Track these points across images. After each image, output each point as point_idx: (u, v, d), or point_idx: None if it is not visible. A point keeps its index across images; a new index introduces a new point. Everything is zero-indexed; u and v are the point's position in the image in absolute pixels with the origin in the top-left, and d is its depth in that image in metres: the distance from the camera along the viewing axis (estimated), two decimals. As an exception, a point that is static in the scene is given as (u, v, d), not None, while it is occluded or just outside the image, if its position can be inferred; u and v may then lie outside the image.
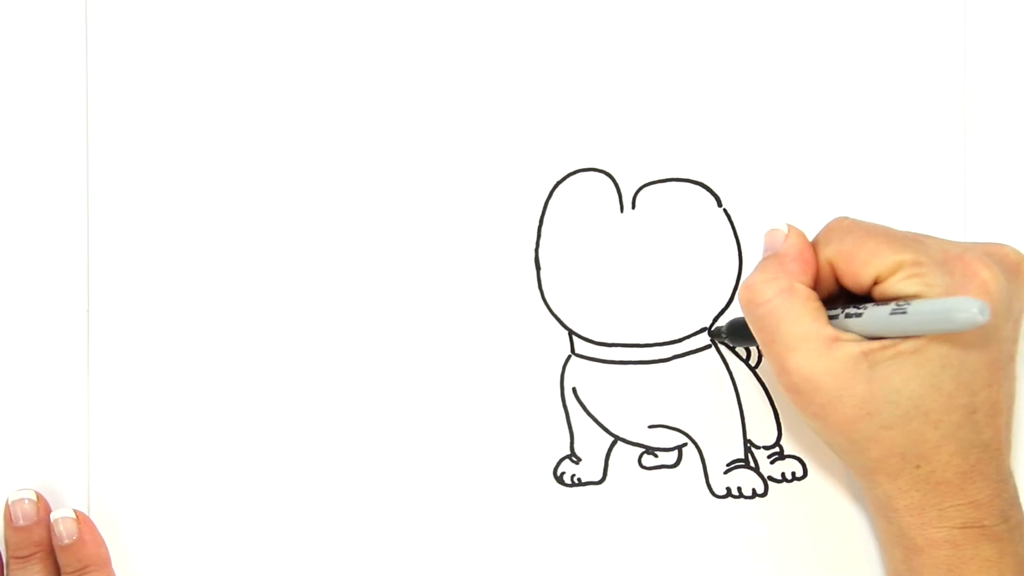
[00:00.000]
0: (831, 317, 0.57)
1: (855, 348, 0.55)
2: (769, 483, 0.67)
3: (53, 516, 0.65)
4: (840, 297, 0.59)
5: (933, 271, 0.55)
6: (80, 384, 0.67)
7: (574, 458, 0.67)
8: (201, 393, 0.67)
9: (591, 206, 0.67)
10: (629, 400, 0.67)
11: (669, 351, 0.67)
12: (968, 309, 0.50)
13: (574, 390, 0.67)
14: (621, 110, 0.67)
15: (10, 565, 0.65)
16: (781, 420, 0.67)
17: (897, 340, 0.55)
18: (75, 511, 0.65)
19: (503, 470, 0.67)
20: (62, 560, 0.65)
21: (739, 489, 0.67)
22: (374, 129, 0.67)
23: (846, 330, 0.56)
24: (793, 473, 0.67)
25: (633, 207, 0.67)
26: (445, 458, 0.67)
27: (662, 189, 0.67)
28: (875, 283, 0.56)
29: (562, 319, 0.67)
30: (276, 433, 0.67)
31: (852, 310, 0.57)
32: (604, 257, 0.67)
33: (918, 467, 0.55)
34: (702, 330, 0.67)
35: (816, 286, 0.58)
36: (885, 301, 0.56)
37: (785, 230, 0.59)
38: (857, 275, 0.57)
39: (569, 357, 0.67)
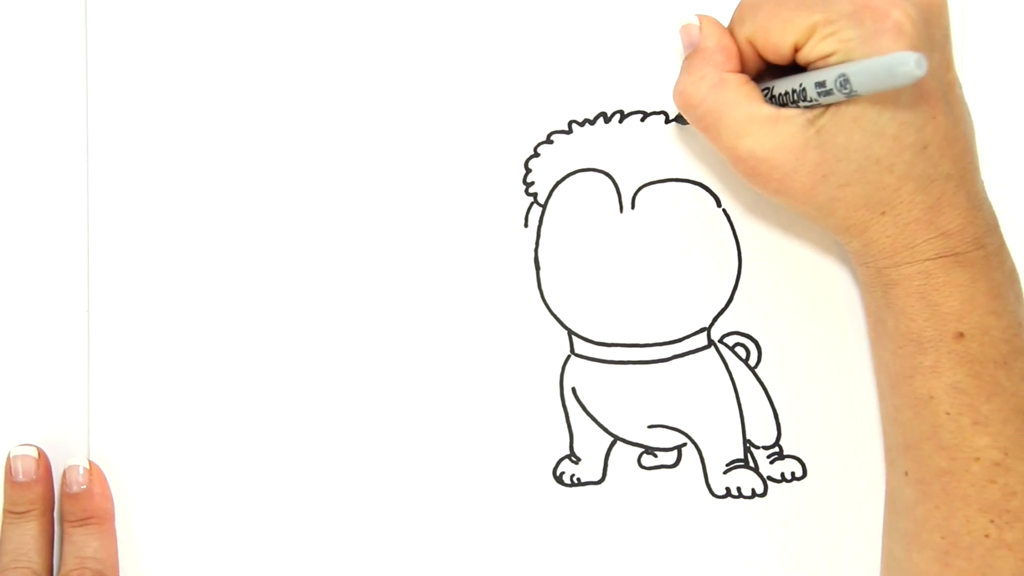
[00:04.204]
0: (764, 90, 0.58)
1: (799, 119, 0.56)
2: (769, 483, 0.67)
3: (66, 464, 0.65)
4: (766, 72, 0.60)
5: (846, 25, 0.55)
6: (80, 384, 0.67)
7: (574, 458, 0.67)
8: (200, 393, 0.67)
9: (591, 206, 0.67)
10: (628, 400, 0.67)
11: (668, 351, 0.67)
12: (906, 63, 0.50)
13: (573, 390, 0.67)
14: (620, 110, 0.67)
15: (6, 519, 0.65)
16: (781, 420, 0.67)
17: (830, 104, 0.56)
18: (90, 462, 0.65)
19: (503, 470, 0.67)
20: (66, 508, 0.65)
21: (739, 489, 0.67)
22: (375, 129, 0.67)
23: (786, 105, 0.57)
24: (793, 473, 0.67)
25: (633, 207, 0.67)
26: (445, 458, 0.67)
27: (662, 189, 0.67)
28: (795, 50, 0.57)
29: (562, 319, 0.67)
30: (276, 433, 0.67)
31: (788, 86, 0.57)
32: (604, 257, 0.67)
33: (883, 214, 0.57)
34: (701, 330, 0.67)
35: (743, 68, 0.59)
36: (810, 67, 0.56)
37: (697, 22, 0.59)
38: (776, 48, 0.57)
39: (569, 357, 0.67)
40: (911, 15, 0.55)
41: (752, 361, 0.67)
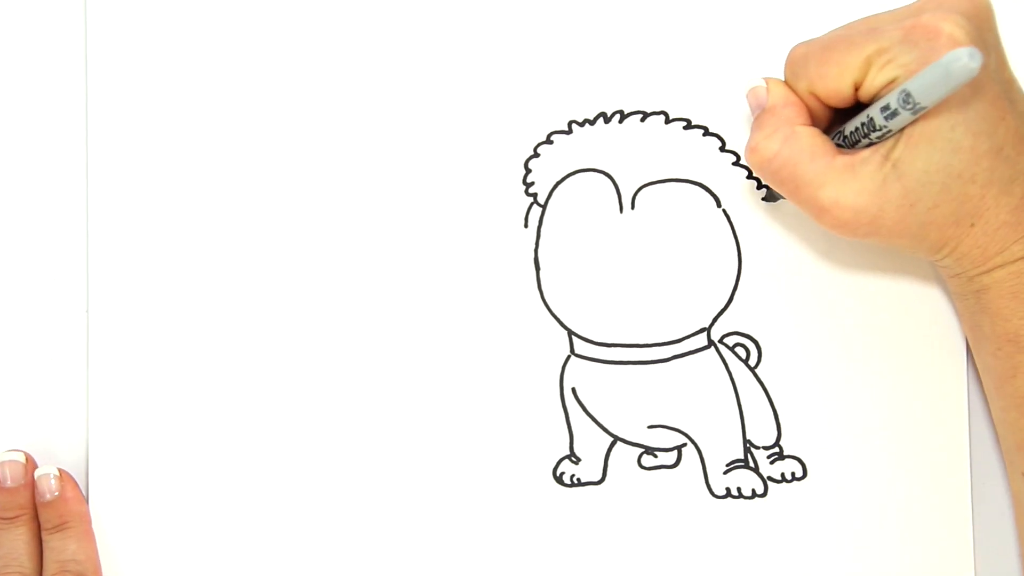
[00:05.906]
0: (835, 136, 0.59)
1: (873, 158, 0.57)
2: (769, 483, 0.67)
3: (37, 473, 0.65)
4: (836, 120, 0.60)
5: (899, 51, 0.55)
6: (80, 385, 0.67)
7: (574, 458, 0.67)
8: (200, 393, 0.66)
9: (591, 206, 0.67)
10: (628, 400, 0.67)
11: (668, 351, 0.67)
12: (959, 58, 0.50)
13: (573, 390, 0.67)
14: (620, 110, 0.67)
15: None
16: (780, 420, 0.67)
17: (902, 132, 0.56)
18: (58, 469, 0.65)
19: (503, 470, 0.67)
20: (43, 516, 0.65)
21: (739, 489, 0.67)
22: (374, 130, 0.67)
23: (859, 143, 0.58)
24: (793, 473, 0.67)
25: (633, 207, 0.67)
26: (445, 458, 0.67)
27: (662, 189, 0.67)
28: (856, 89, 0.57)
29: (562, 319, 0.67)
30: (275, 433, 0.67)
31: (856, 123, 0.57)
32: (604, 257, 0.67)
33: (973, 225, 0.57)
34: (701, 330, 0.67)
35: (812, 122, 0.60)
36: (874, 99, 0.57)
37: (764, 84, 0.60)
38: (838, 91, 0.58)
39: (569, 357, 0.67)
40: (962, 25, 0.55)
41: (752, 361, 0.67)
